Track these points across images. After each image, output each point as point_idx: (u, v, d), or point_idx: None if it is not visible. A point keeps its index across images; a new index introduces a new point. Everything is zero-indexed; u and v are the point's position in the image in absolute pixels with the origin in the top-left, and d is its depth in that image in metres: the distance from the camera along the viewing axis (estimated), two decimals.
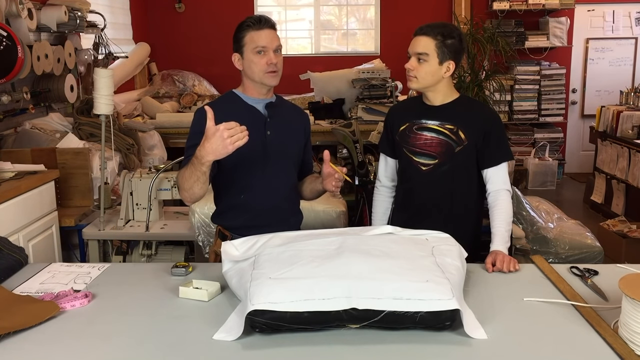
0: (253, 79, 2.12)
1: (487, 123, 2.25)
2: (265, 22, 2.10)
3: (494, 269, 1.94)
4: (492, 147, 2.24)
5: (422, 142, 2.25)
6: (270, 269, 1.58)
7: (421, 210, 2.30)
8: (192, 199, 2.00)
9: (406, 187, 2.35)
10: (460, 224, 2.26)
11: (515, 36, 6.86)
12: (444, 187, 2.26)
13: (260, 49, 2.07)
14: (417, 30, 2.20)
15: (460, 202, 2.29)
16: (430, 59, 2.16)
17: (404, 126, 2.30)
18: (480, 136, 2.22)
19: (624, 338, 1.43)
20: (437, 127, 2.24)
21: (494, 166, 2.24)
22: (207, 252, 3.10)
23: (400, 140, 2.30)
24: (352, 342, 1.45)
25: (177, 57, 6.95)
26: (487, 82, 4.22)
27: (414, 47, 2.19)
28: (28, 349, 1.46)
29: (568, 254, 3.64)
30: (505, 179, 2.24)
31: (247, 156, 2.09)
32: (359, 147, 4.02)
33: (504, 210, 2.18)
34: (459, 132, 2.22)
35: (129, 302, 1.73)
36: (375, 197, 2.48)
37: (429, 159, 2.26)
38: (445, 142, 2.23)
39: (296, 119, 2.29)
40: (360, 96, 5.58)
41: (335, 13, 7.47)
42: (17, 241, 2.78)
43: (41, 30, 4.08)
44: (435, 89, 2.23)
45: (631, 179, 5.13)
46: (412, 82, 2.21)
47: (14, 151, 3.51)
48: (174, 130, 5.42)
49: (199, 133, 1.91)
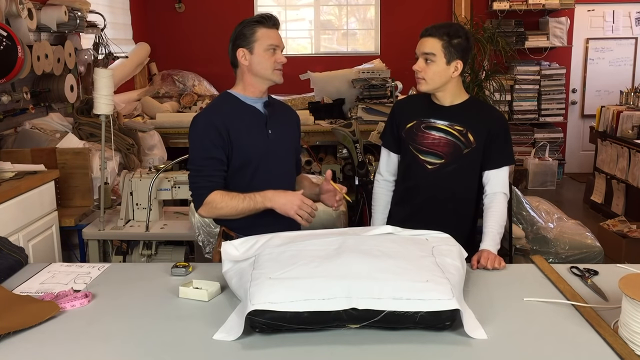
0: (260, 75, 2.11)
1: (496, 126, 2.25)
2: (277, 20, 2.12)
3: (477, 266, 1.95)
4: (496, 150, 2.24)
5: (430, 142, 2.25)
6: (270, 269, 1.58)
7: (421, 207, 2.30)
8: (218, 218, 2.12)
9: (409, 184, 2.34)
10: (458, 224, 2.26)
11: (515, 36, 6.85)
12: (447, 186, 2.27)
13: (274, 46, 2.09)
14: (423, 32, 2.20)
15: (460, 202, 2.29)
16: (438, 59, 2.16)
17: (412, 123, 2.29)
18: (488, 138, 2.23)
19: (624, 338, 1.43)
20: (446, 128, 2.24)
21: (495, 169, 2.25)
22: (207, 252, 3.10)
23: (407, 138, 2.29)
24: (352, 342, 1.45)
25: (177, 57, 6.95)
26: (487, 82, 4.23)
27: (421, 48, 2.19)
28: (28, 349, 1.46)
29: (568, 254, 3.64)
30: (504, 183, 2.25)
31: (252, 156, 2.10)
32: (359, 147, 4.02)
33: (499, 213, 2.20)
34: (468, 134, 2.22)
35: (129, 302, 1.73)
36: (375, 190, 2.47)
37: (436, 159, 2.25)
38: (454, 143, 2.23)
39: (289, 116, 2.30)
40: (360, 96, 5.58)
41: (335, 13, 7.47)
42: (17, 241, 2.78)
43: (41, 30, 4.09)
44: (445, 89, 2.22)
45: (631, 179, 5.13)
46: (422, 84, 2.21)
47: (14, 151, 3.51)
48: (174, 130, 5.42)
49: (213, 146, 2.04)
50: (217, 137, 2.05)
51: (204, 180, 2.06)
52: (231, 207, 2.03)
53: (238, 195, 2.03)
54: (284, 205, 2.01)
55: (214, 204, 2.04)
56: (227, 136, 2.06)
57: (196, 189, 2.08)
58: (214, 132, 2.05)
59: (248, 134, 2.09)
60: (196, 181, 2.08)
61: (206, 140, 2.06)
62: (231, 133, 2.06)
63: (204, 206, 2.06)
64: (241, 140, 2.08)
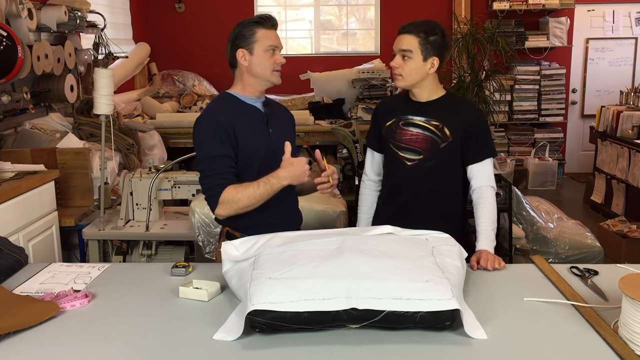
0: (260, 76, 2.11)
1: (472, 120, 2.29)
2: (275, 21, 2.13)
3: (478, 267, 1.96)
4: (476, 144, 2.27)
5: (408, 138, 2.29)
6: (270, 269, 1.58)
7: (406, 205, 2.33)
8: (237, 213, 2.04)
9: (392, 182, 2.38)
10: (446, 221, 2.26)
11: (515, 36, 6.86)
12: (429, 183, 2.30)
13: (273, 47, 2.09)
14: (400, 29, 2.25)
15: (445, 199, 2.32)
16: (414, 56, 2.20)
17: (391, 122, 2.33)
18: (465, 132, 2.26)
19: (624, 338, 1.43)
20: (422, 123, 2.28)
21: (478, 162, 2.27)
22: (207, 252, 3.10)
23: (387, 135, 2.34)
24: (352, 342, 1.45)
25: (177, 57, 6.95)
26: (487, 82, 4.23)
27: (399, 45, 2.23)
28: (28, 349, 1.46)
29: (568, 254, 3.64)
30: (489, 176, 2.27)
31: (256, 155, 2.10)
32: (358, 147, 4.02)
33: (489, 207, 2.20)
34: (444, 129, 2.26)
35: (129, 302, 1.73)
36: (361, 190, 2.52)
37: (414, 154, 2.29)
38: (431, 138, 2.27)
39: (286, 116, 2.31)
40: (360, 96, 5.58)
41: (335, 13, 7.47)
42: (17, 241, 2.78)
43: (41, 30, 4.09)
44: (422, 85, 2.26)
45: (631, 179, 5.13)
46: (399, 80, 2.25)
47: (14, 151, 3.51)
48: (174, 130, 5.42)
49: (221, 144, 2.02)
50: (224, 134, 2.04)
51: (216, 178, 2.03)
52: (249, 196, 2.00)
53: (251, 183, 2.01)
54: (297, 177, 2.01)
55: (231, 198, 2.00)
56: (233, 134, 2.05)
57: (210, 188, 2.04)
58: (220, 129, 2.04)
59: (252, 133, 2.10)
60: (208, 181, 2.04)
61: (214, 139, 2.04)
62: (236, 131, 2.06)
63: (221, 205, 2.02)
64: (245, 139, 2.08)
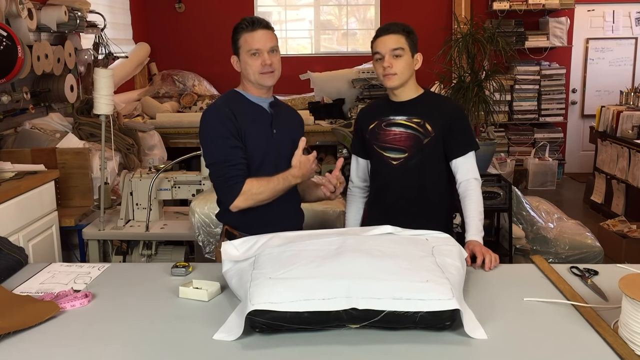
0: (250, 80, 2.14)
1: (452, 114, 2.32)
2: (258, 23, 2.10)
3: (474, 265, 1.96)
4: (458, 137, 2.30)
5: (392, 137, 2.32)
6: (270, 269, 1.58)
7: (394, 205, 2.34)
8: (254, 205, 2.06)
9: (379, 184, 2.40)
10: (432, 218, 2.29)
11: (515, 36, 6.85)
12: (415, 180, 2.32)
13: (254, 50, 2.08)
14: (381, 32, 2.27)
15: (431, 196, 2.33)
16: (405, 53, 2.24)
17: (373, 124, 2.36)
18: (446, 127, 2.29)
19: (624, 338, 1.43)
20: (404, 122, 2.31)
21: (461, 156, 2.30)
22: (207, 252, 3.10)
23: (371, 138, 2.36)
24: (352, 342, 1.45)
25: (177, 57, 6.95)
26: (487, 82, 4.22)
27: (388, 45, 2.23)
28: (28, 349, 1.46)
29: (568, 254, 3.64)
30: (473, 168, 2.30)
31: (257, 155, 2.10)
32: None
33: (475, 199, 2.24)
34: (426, 125, 2.29)
35: (129, 302, 1.73)
36: (348, 198, 2.55)
37: (399, 153, 2.31)
38: (413, 136, 2.29)
39: (294, 119, 2.32)
40: (360, 96, 5.59)
41: (335, 13, 7.47)
42: (17, 241, 2.78)
43: (41, 30, 4.09)
44: (407, 83, 2.30)
45: (631, 179, 5.13)
46: (394, 80, 2.25)
47: (14, 151, 3.51)
48: (174, 130, 5.42)
49: (232, 135, 2.03)
50: (233, 126, 2.05)
51: (233, 169, 2.02)
52: (271, 190, 2.03)
53: (271, 178, 2.04)
54: (306, 177, 2.10)
55: (253, 190, 2.02)
56: (239, 128, 2.06)
57: (227, 180, 2.02)
58: (229, 121, 2.05)
59: (256, 131, 2.11)
60: (225, 172, 2.03)
61: (225, 131, 2.04)
62: (242, 127, 2.07)
63: (242, 195, 2.01)
64: (249, 136, 2.09)
